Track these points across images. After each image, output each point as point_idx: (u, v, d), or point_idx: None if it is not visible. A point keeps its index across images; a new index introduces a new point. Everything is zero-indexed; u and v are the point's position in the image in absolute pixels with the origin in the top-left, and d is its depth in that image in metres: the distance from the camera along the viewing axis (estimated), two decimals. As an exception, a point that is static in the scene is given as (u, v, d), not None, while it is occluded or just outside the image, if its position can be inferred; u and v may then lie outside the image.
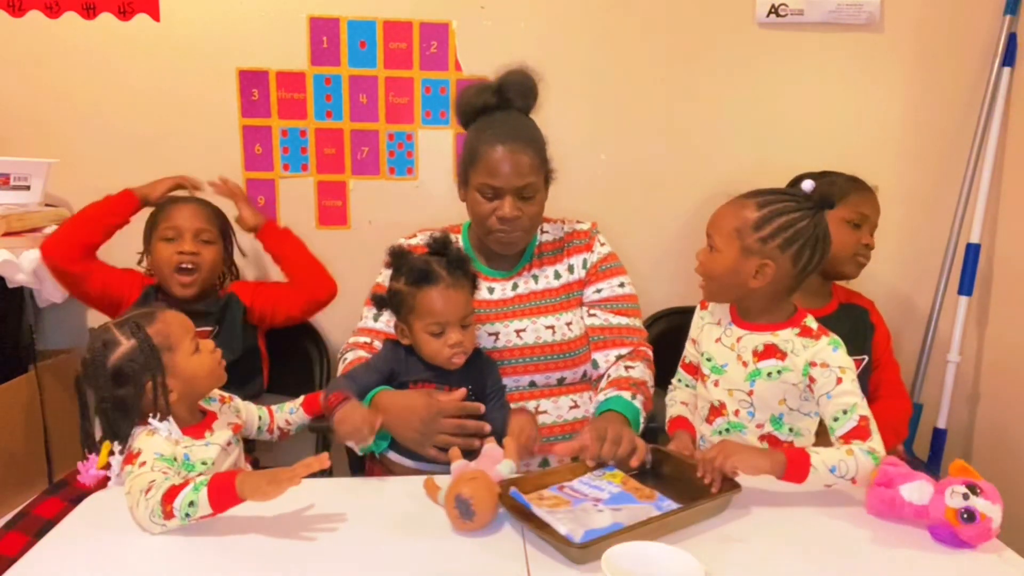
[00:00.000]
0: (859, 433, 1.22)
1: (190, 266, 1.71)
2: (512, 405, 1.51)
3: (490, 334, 1.55)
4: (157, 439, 1.20)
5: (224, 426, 1.32)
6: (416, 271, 1.38)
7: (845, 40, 2.07)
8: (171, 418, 1.22)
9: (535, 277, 1.61)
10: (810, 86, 2.09)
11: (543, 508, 1.12)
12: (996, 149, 2.05)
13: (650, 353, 1.60)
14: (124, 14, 1.94)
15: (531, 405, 1.53)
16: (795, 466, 1.18)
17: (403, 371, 1.44)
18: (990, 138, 2.04)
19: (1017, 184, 2.06)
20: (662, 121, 2.09)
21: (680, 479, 1.24)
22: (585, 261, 1.63)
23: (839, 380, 1.25)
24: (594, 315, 1.60)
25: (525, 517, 1.12)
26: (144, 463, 1.15)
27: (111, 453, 1.22)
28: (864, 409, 1.24)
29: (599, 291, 1.61)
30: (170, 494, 1.08)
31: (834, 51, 2.07)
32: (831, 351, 1.27)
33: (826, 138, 2.09)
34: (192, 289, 1.72)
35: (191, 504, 1.07)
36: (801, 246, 1.27)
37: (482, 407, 1.41)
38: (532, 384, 1.54)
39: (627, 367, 1.53)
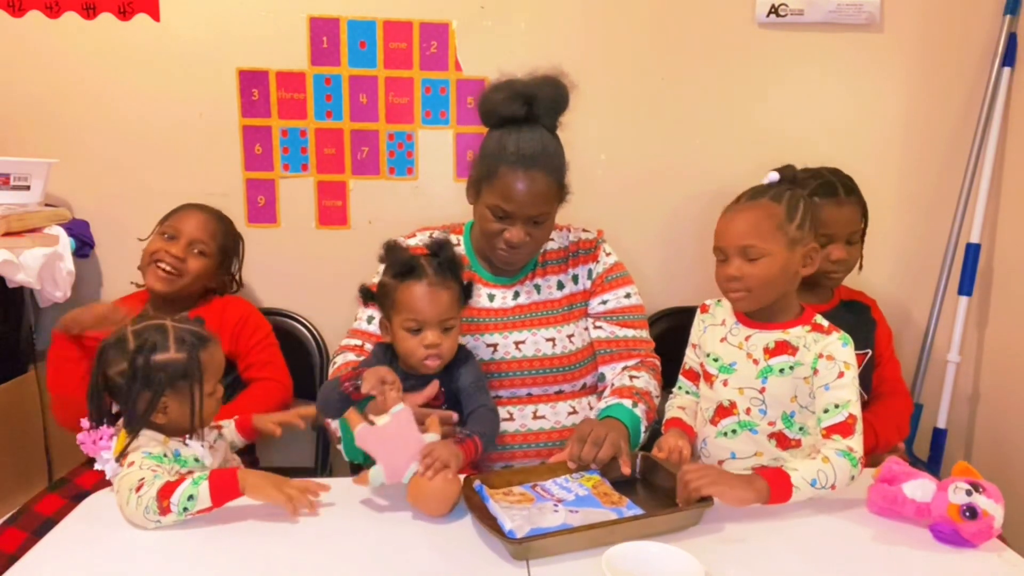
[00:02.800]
0: (843, 429, 1.23)
1: (168, 269, 1.67)
2: (509, 409, 1.50)
3: (488, 345, 1.53)
4: (143, 439, 1.20)
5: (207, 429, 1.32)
6: (401, 264, 1.34)
7: (845, 40, 2.07)
8: (203, 442, 1.24)
9: (537, 287, 1.59)
10: (810, 86, 2.09)
11: (503, 503, 1.13)
12: (996, 149, 2.05)
13: (657, 363, 1.59)
14: (124, 14, 1.94)
15: (528, 410, 1.52)
16: (777, 489, 1.17)
17: None
18: (990, 138, 2.04)
19: (1017, 184, 2.05)
20: (662, 121, 2.09)
21: (666, 488, 1.24)
22: (590, 272, 1.61)
23: (840, 374, 1.26)
24: (600, 327, 1.58)
25: (478, 509, 1.13)
26: (132, 463, 1.16)
27: (125, 448, 1.21)
28: (855, 409, 1.25)
29: (604, 303, 1.59)
30: (166, 490, 1.10)
31: (834, 51, 2.07)
32: (840, 345, 1.29)
33: (826, 138, 2.08)
34: (165, 285, 1.67)
35: (190, 498, 1.10)
36: (813, 219, 1.34)
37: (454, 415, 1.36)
38: (529, 394, 1.53)
39: (632, 376, 1.52)
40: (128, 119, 1.98)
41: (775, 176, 1.34)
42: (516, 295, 1.58)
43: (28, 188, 1.84)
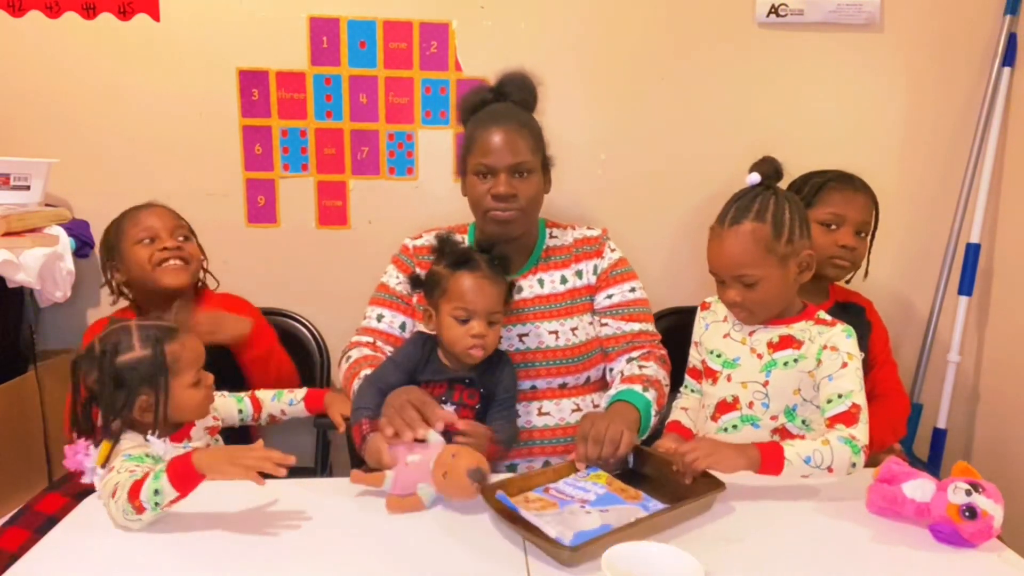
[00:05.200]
0: (847, 418, 1.24)
1: (178, 261, 1.64)
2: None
3: None
4: (124, 444, 1.20)
5: (201, 431, 1.32)
6: (458, 254, 1.40)
7: (845, 40, 2.07)
8: (166, 439, 1.22)
9: (540, 281, 1.60)
10: (810, 86, 2.09)
11: (531, 511, 1.12)
12: (996, 149, 2.05)
13: (664, 354, 1.59)
14: (124, 14, 1.94)
15: (533, 407, 1.53)
16: (769, 460, 1.19)
17: (421, 369, 1.43)
18: (990, 138, 2.04)
19: (1017, 184, 2.05)
20: (662, 121, 2.09)
21: (662, 479, 1.25)
22: (596, 267, 1.62)
23: (844, 364, 1.28)
24: (606, 324, 1.60)
25: (513, 520, 1.11)
26: (112, 468, 1.16)
27: (109, 454, 1.21)
28: (859, 398, 1.26)
29: (610, 296, 1.60)
30: (134, 490, 1.08)
31: (834, 51, 2.07)
32: (844, 337, 1.30)
33: (826, 138, 2.08)
34: (185, 277, 1.65)
35: (156, 492, 1.08)
36: (802, 218, 1.33)
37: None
38: (533, 387, 1.54)
39: (640, 366, 1.52)
40: (128, 119, 1.98)
41: (756, 178, 1.33)
42: (519, 290, 1.59)
43: (28, 188, 1.84)
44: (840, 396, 1.26)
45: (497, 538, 1.11)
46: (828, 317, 1.35)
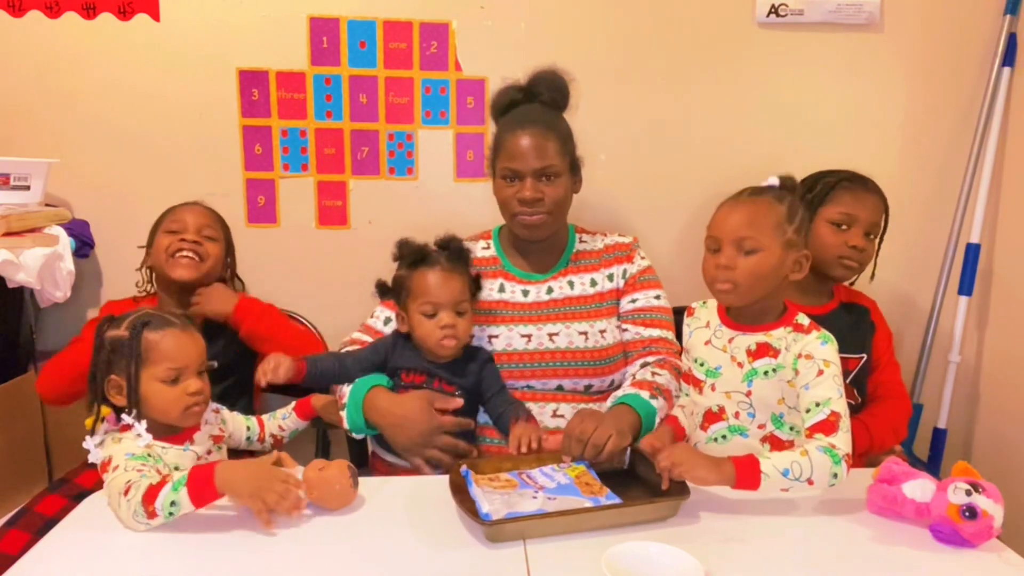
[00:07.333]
0: (826, 427, 1.20)
1: (191, 254, 1.67)
2: (531, 405, 1.52)
3: (523, 335, 1.56)
4: (126, 443, 1.19)
5: (206, 438, 1.31)
6: (414, 253, 1.45)
7: (845, 40, 2.07)
8: (143, 421, 1.21)
9: (571, 283, 1.62)
10: (810, 86, 2.09)
11: (487, 488, 1.17)
12: (996, 149, 2.05)
13: (680, 365, 1.57)
14: (124, 14, 1.94)
15: (550, 409, 1.53)
16: (745, 475, 1.15)
17: (395, 357, 1.48)
18: (990, 138, 2.04)
19: (1017, 184, 2.06)
20: (662, 121, 2.09)
21: (653, 481, 1.23)
22: (625, 271, 1.65)
23: (820, 372, 1.24)
24: (626, 329, 1.61)
25: (461, 493, 1.16)
26: (117, 467, 1.15)
27: (98, 420, 1.23)
28: (838, 406, 1.22)
29: (634, 301, 1.62)
30: (150, 494, 1.08)
31: (834, 51, 2.07)
32: (818, 344, 1.26)
33: (826, 138, 2.09)
34: (192, 271, 1.67)
35: (172, 503, 1.08)
36: (808, 226, 1.33)
37: (471, 423, 1.46)
38: (559, 388, 1.55)
39: (654, 372, 1.52)
40: (128, 119, 1.98)
41: (775, 180, 1.33)
42: (550, 290, 1.61)
43: (28, 188, 1.84)
44: (818, 405, 1.22)
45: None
46: (805, 322, 1.31)
